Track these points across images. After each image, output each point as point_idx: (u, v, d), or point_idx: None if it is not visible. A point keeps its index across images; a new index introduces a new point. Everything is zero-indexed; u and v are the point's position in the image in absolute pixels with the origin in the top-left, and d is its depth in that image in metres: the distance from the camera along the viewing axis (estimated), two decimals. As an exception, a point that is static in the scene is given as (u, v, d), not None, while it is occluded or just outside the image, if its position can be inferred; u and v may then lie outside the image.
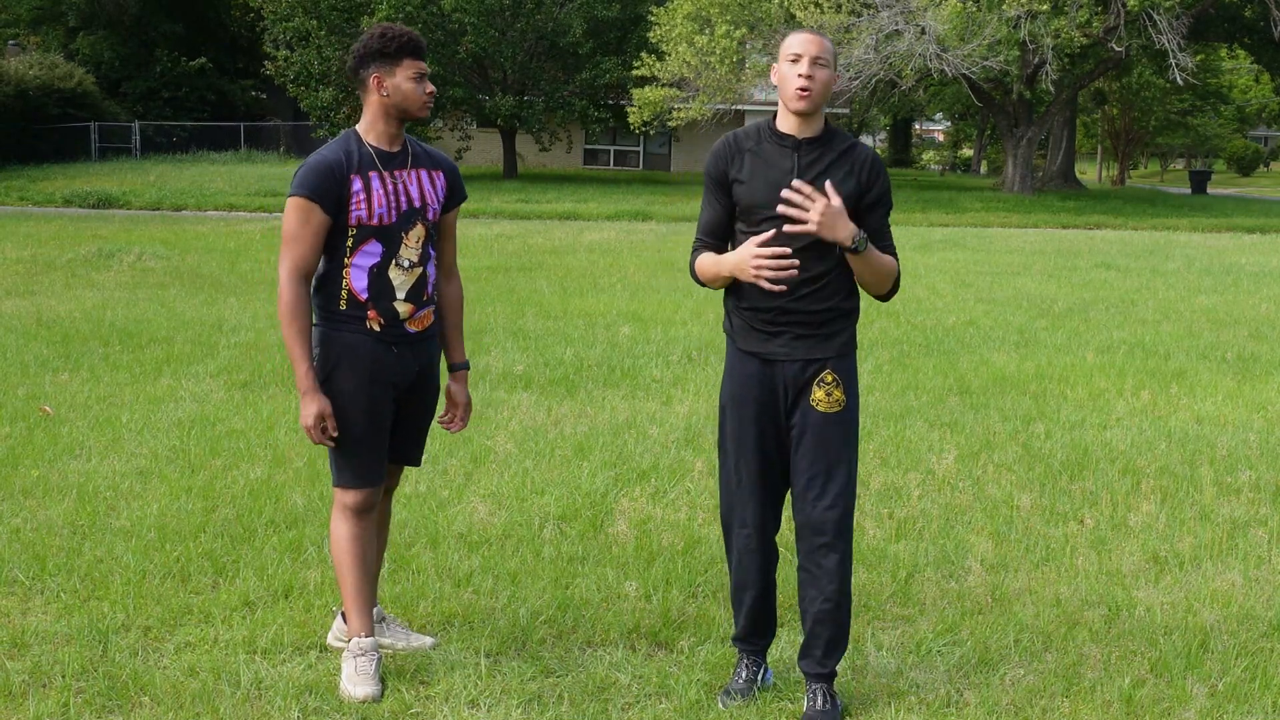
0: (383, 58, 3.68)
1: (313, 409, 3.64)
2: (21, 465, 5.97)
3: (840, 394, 3.56)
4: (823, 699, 3.64)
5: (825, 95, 3.48)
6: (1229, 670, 3.93)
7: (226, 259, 15.31)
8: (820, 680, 3.67)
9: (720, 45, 28.68)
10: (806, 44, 3.45)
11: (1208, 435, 6.99)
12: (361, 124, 3.77)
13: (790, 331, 3.54)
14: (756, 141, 3.56)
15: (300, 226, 3.62)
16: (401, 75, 3.68)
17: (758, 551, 3.69)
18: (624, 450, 6.41)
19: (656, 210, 25.52)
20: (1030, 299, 12.96)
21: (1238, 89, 58.24)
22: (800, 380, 3.55)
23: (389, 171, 3.71)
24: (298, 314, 3.63)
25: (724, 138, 3.65)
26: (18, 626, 4.10)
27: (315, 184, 3.61)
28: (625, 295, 12.63)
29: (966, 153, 67.93)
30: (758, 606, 3.76)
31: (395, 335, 3.74)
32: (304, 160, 3.72)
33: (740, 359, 3.62)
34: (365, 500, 3.78)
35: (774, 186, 3.46)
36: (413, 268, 3.74)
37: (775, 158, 3.51)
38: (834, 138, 3.55)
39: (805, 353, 3.54)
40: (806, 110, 3.47)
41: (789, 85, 3.46)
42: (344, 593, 3.80)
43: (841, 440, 3.58)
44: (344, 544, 3.78)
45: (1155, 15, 27.54)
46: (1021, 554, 5.01)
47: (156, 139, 40.39)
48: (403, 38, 3.68)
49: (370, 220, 3.66)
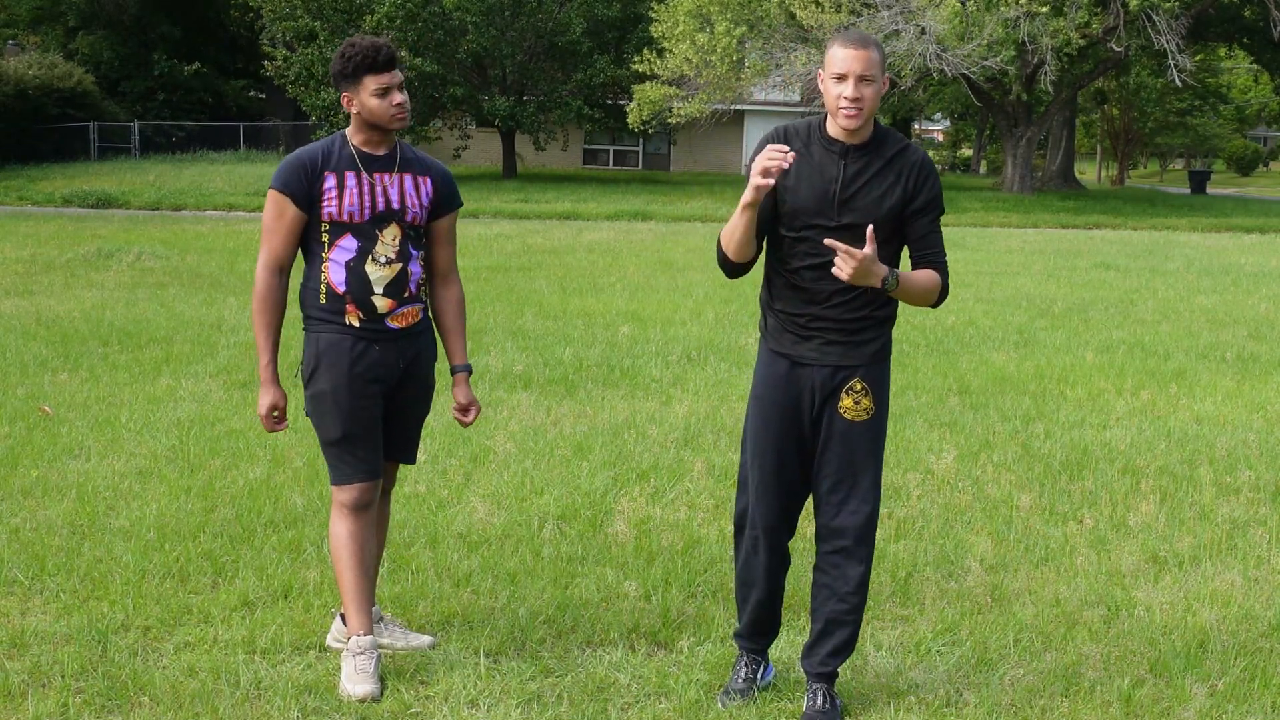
0: (343, 78, 3.75)
1: (265, 400, 3.80)
2: (21, 465, 5.97)
3: (869, 402, 3.54)
4: (823, 699, 3.63)
5: (874, 110, 3.42)
6: (1228, 670, 3.93)
7: (226, 259, 15.30)
8: (822, 680, 3.66)
9: (720, 44, 28.68)
10: (851, 61, 3.35)
11: (1207, 435, 6.99)
12: (350, 127, 3.86)
13: (822, 337, 3.52)
14: (805, 142, 3.50)
15: (275, 219, 3.76)
16: (365, 92, 3.72)
17: (765, 554, 3.67)
18: (623, 450, 6.41)
19: (656, 210, 25.53)
20: (1030, 299, 12.96)
21: (1237, 89, 58.23)
22: (829, 386, 3.53)
23: (369, 173, 3.77)
24: (267, 305, 3.77)
25: (774, 130, 3.58)
26: (17, 626, 4.09)
27: (287, 178, 3.73)
28: (625, 295, 12.63)
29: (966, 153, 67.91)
30: (762, 608, 3.75)
31: (376, 331, 3.78)
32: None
33: (770, 359, 3.60)
34: (360, 497, 3.79)
35: (820, 196, 3.45)
36: (390, 263, 3.77)
37: (823, 164, 3.46)
38: (884, 141, 3.49)
39: (836, 359, 3.52)
40: (856, 128, 3.42)
41: (835, 105, 3.40)
42: (342, 591, 3.81)
43: (867, 448, 3.56)
44: (342, 542, 3.80)
45: (1154, 16, 27.54)
46: (1021, 554, 5.01)
47: (156, 139, 40.39)
48: (358, 56, 3.70)
49: (340, 217, 3.74)
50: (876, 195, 3.44)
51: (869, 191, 3.43)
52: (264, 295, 3.76)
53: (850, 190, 3.43)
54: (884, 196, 3.44)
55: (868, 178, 3.45)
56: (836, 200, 3.43)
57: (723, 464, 6.18)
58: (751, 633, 3.80)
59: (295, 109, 41.26)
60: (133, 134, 39.74)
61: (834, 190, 3.43)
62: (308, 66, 31.93)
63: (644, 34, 33.19)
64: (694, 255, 16.86)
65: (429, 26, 31.43)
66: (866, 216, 3.42)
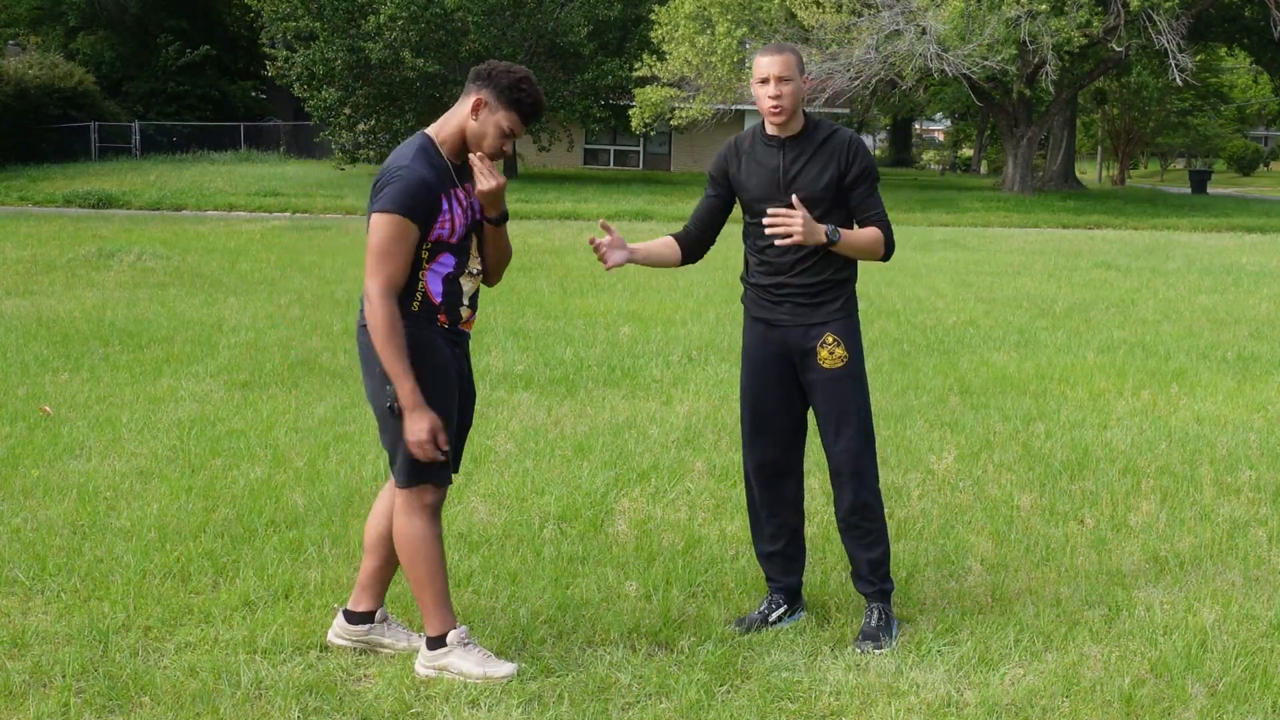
0: (499, 92, 3.69)
1: (425, 424, 3.61)
2: (21, 465, 5.97)
3: (842, 350, 4.08)
4: (878, 617, 4.13)
5: (796, 103, 4.01)
6: (1229, 670, 3.93)
7: (226, 259, 15.31)
8: (874, 599, 4.16)
9: (721, 45, 28.68)
10: (769, 66, 3.97)
11: (1208, 435, 6.99)
12: (438, 131, 3.76)
13: (790, 301, 4.09)
14: (751, 145, 4.14)
15: (395, 243, 3.60)
16: (501, 120, 3.70)
17: (758, 490, 4.26)
18: (624, 450, 6.42)
19: (657, 210, 25.53)
20: (1030, 299, 12.96)
21: (1238, 89, 58.22)
22: (804, 344, 4.09)
23: (460, 186, 3.76)
24: (396, 330, 3.60)
25: (728, 141, 4.23)
26: (18, 626, 4.10)
27: (414, 204, 3.59)
28: (625, 295, 12.64)
29: (966, 153, 67.89)
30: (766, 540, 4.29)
31: (456, 335, 3.83)
32: (394, 174, 3.61)
33: (751, 324, 4.21)
34: (443, 497, 3.84)
35: (768, 183, 4.08)
36: (477, 275, 3.85)
37: (765, 158, 4.09)
38: (815, 131, 4.07)
39: (805, 318, 4.08)
40: (782, 123, 4.03)
41: (763, 104, 4.01)
42: (430, 591, 3.80)
43: (849, 391, 4.09)
44: (429, 544, 3.78)
45: (1155, 15, 27.54)
46: (1021, 554, 5.01)
47: (156, 139, 40.43)
48: (530, 98, 3.71)
49: (450, 239, 3.71)
50: (814, 174, 4.02)
51: (808, 172, 4.03)
52: (392, 321, 3.58)
53: (792, 173, 4.04)
54: (821, 173, 4.02)
55: (804, 161, 4.04)
56: (782, 184, 4.04)
57: (723, 464, 6.18)
58: (767, 567, 4.32)
59: (296, 109, 41.25)
60: (133, 134, 39.76)
61: (778, 177, 4.05)
62: (308, 66, 31.90)
63: (644, 35, 33.17)
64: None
65: (430, 27, 31.41)
66: (809, 192, 4.00)
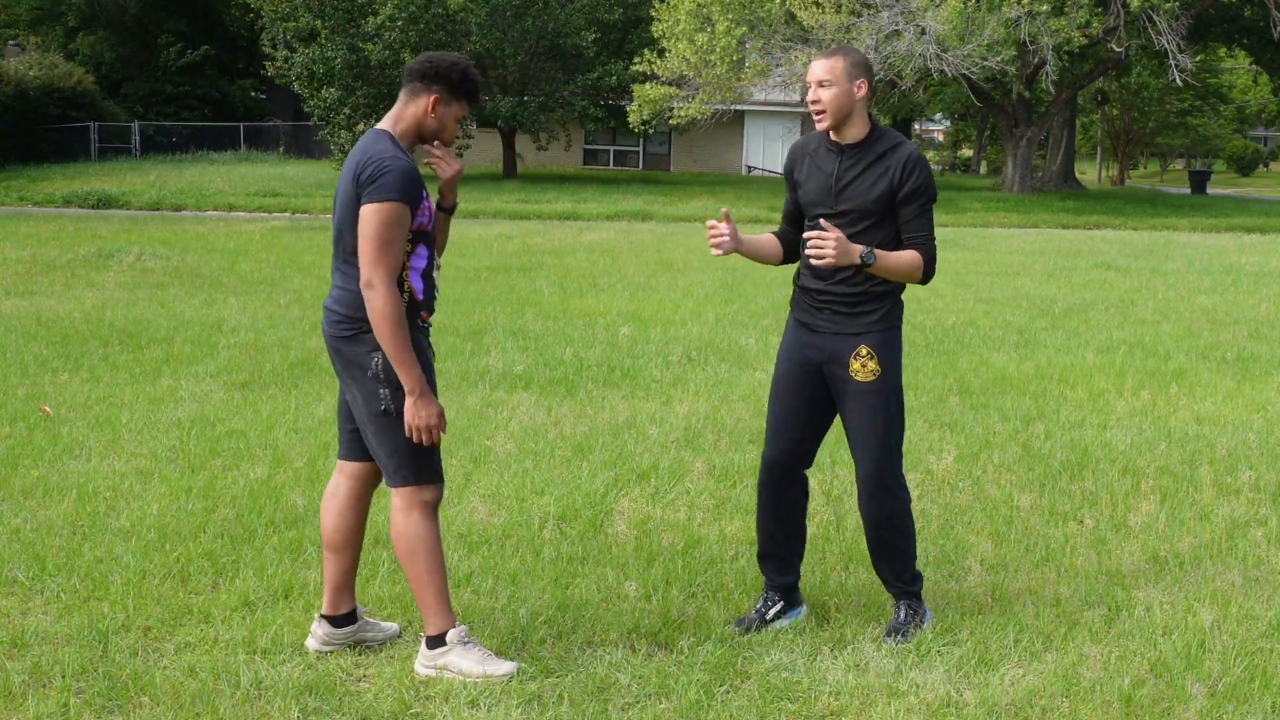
0: (451, 88, 3.76)
1: (434, 408, 3.69)
2: (21, 465, 5.97)
3: (875, 365, 4.06)
4: (905, 612, 4.21)
5: (841, 108, 3.98)
6: (1228, 670, 3.93)
7: (226, 259, 15.31)
8: (900, 597, 4.24)
9: (721, 43, 28.67)
10: (811, 71, 4.02)
11: (1207, 435, 6.99)
12: (394, 127, 3.78)
13: (830, 309, 4.11)
14: (815, 147, 4.15)
15: (395, 230, 3.64)
16: (456, 111, 3.80)
17: (768, 484, 4.26)
18: (624, 450, 6.42)
19: (656, 210, 25.52)
20: (1030, 299, 12.96)
21: (1237, 89, 58.22)
22: (839, 353, 4.08)
23: None
24: (403, 318, 3.64)
25: (797, 140, 4.30)
26: (18, 626, 4.10)
27: (406, 188, 3.64)
28: (625, 295, 12.64)
29: (966, 153, 67.88)
30: (770, 539, 4.29)
31: (425, 330, 3.88)
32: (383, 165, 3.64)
33: (793, 324, 4.25)
34: (440, 495, 3.85)
35: (821, 188, 4.09)
36: (438, 269, 3.90)
37: (824, 162, 4.10)
38: (877, 141, 4.04)
39: (842, 327, 4.08)
40: (827, 127, 4.02)
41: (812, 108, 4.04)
42: (431, 589, 3.80)
43: (876, 407, 4.07)
44: (429, 543, 3.79)
45: (1155, 16, 27.54)
46: (1021, 554, 5.01)
47: (156, 139, 40.44)
48: (473, 84, 3.81)
49: (428, 227, 3.77)
50: (867, 185, 3.99)
51: (860, 182, 4.00)
52: (399, 309, 3.62)
53: (844, 181, 4.02)
54: (873, 186, 3.98)
55: (859, 171, 4.01)
56: (833, 190, 4.04)
57: (723, 464, 6.18)
58: (764, 555, 4.32)
59: (296, 109, 41.24)
60: (133, 134, 39.77)
61: (831, 182, 4.04)
62: (308, 66, 31.89)
63: (645, 35, 33.16)
64: (694, 255, 16.86)
65: (431, 27, 31.40)
66: (859, 203, 3.99)
